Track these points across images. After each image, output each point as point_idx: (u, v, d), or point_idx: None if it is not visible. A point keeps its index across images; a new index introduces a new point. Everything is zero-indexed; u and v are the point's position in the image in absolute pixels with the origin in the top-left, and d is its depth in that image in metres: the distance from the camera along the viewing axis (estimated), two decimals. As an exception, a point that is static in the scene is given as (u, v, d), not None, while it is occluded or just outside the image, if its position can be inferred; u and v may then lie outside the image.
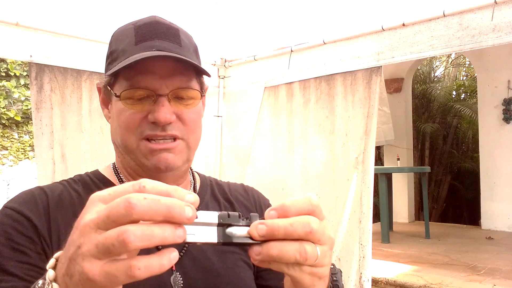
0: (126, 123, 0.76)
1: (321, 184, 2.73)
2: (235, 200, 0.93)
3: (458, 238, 5.24)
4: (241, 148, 3.21)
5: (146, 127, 0.76)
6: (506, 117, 5.66)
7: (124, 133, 0.77)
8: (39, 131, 2.27)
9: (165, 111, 0.75)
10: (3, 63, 5.26)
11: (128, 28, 0.79)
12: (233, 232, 0.44)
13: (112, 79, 0.77)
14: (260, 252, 0.44)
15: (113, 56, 0.78)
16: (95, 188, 0.79)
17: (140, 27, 0.77)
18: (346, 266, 2.51)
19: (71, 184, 0.81)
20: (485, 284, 3.27)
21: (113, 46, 0.79)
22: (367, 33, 2.52)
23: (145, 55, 0.71)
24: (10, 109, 5.36)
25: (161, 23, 0.79)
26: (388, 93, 6.55)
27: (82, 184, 0.81)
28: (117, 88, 0.77)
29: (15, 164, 5.34)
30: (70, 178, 0.84)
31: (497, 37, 2.06)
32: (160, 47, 0.75)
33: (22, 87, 5.39)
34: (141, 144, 0.76)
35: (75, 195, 0.78)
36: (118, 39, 0.79)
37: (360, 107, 2.56)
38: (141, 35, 0.76)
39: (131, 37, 0.77)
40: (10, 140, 5.39)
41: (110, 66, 0.78)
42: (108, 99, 0.81)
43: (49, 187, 0.79)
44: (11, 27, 2.14)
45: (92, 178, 0.83)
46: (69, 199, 0.77)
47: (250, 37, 3.19)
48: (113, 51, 0.78)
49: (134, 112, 0.76)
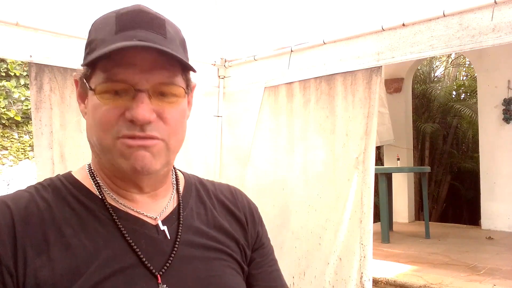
0: (102, 121, 0.68)
1: (322, 184, 2.73)
2: (221, 202, 0.87)
3: (458, 238, 5.24)
4: (241, 148, 3.21)
5: (123, 125, 0.67)
6: (506, 117, 5.66)
7: (99, 131, 0.69)
8: (38, 131, 2.27)
9: (145, 108, 0.66)
10: (3, 63, 5.26)
11: (110, 16, 0.71)
12: None
13: (89, 71, 0.69)
14: None
15: (91, 46, 0.70)
16: (67, 194, 0.72)
17: (122, 15, 0.69)
18: (347, 266, 2.51)
19: (40, 191, 0.71)
20: (485, 284, 3.27)
21: (92, 35, 0.71)
22: (367, 33, 2.51)
23: (124, 45, 0.64)
24: (10, 109, 5.36)
25: (146, 11, 0.71)
26: (388, 93, 6.55)
27: (52, 190, 0.72)
28: (93, 81, 0.69)
29: (15, 164, 5.34)
30: (39, 183, 0.74)
31: (497, 37, 2.06)
32: (142, 38, 0.67)
33: (22, 87, 5.39)
34: (118, 142, 0.68)
35: (44, 206, 0.68)
36: (98, 27, 0.71)
37: (360, 107, 2.56)
38: (123, 23, 0.68)
39: (112, 25, 0.69)
40: (10, 140, 5.39)
41: (88, 56, 0.70)
42: (85, 93, 0.73)
43: (14, 199, 0.68)
44: (11, 27, 2.14)
45: (64, 182, 0.74)
46: (37, 212, 0.67)
47: (250, 37, 3.19)
48: (91, 41, 0.71)
49: (109, 108, 0.67)
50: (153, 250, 0.71)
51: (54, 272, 0.63)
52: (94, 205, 0.71)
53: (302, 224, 2.80)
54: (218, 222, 0.82)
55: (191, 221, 0.78)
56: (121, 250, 0.68)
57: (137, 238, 0.70)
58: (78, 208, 0.70)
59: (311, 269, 2.71)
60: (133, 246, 0.69)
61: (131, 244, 0.69)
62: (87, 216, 0.70)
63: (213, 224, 0.81)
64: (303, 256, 2.77)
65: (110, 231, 0.69)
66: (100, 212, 0.71)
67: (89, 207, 0.71)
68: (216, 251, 0.78)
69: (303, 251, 2.77)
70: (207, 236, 0.78)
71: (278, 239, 2.89)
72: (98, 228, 0.69)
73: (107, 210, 0.71)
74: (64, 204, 0.70)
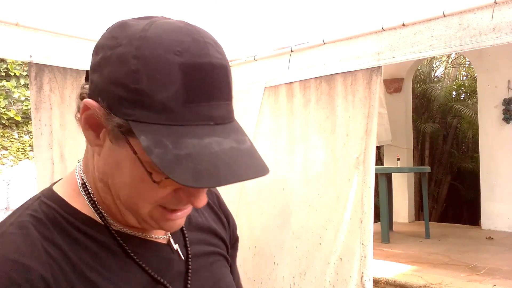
0: (147, 194, 0.57)
1: (322, 184, 2.73)
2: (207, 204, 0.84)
3: (458, 238, 5.24)
4: (241, 148, 3.20)
5: (171, 200, 0.59)
6: (506, 117, 5.66)
7: (137, 199, 0.58)
8: (38, 131, 2.27)
9: (205, 196, 0.59)
10: (3, 63, 5.25)
11: (170, 62, 0.52)
12: None
13: (132, 132, 0.53)
14: None
15: (140, 99, 0.52)
16: (70, 229, 0.60)
17: (191, 72, 0.52)
18: (347, 266, 2.51)
19: (40, 230, 0.58)
20: (485, 284, 3.27)
21: (143, 83, 0.51)
22: (367, 33, 2.51)
23: (224, 180, 0.51)
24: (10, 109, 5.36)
25: (218, 65, 0.55)
26: (388, 93, 6.55)
27: (51, 225, 0.59)
28: (141, 153, 0.53)
29: (15, 164, 5.34)
30: (30, 216, 0.59)
31: (497, 37, 2.06)
32: (218, 118, 0.54)
33: (22, 87, 5.39)
34: (156, 210, 0.59)
35: (56, 252, 0.57)
36: (155, 78, 0.52)
37: (360, 107, 2.56)
38: (194, 88, 0.52)
39: (177, 84, 0.52)
40: (10, 140, 5.39)
41: (132, 109, 0.52)
42: (105, 129, 0.57)
43: (28, 255, 0.55)
44: (11, 27, 2.14)
45: (58, 211, 0.61)
46: (54, 264, 0.56)
47: (250, 37, 3.19)
48: (142, 92, 0.52)
49: (163, 186, 0.57)
50: (173, 273, 0.67)
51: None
52: (102, 236, 0.62)
53: (302, 224, 2.80)
54: (209, 224, 0.80)
55: (190, 230, 0.75)
56: (146, 283, 0.63)
57: (156, 265, 0.65)
58: (88, 243, 0.60)
59: (312, 269, 2.71)
60: (156, 277, 0.64)
61: (154, 276, 0.64)
62: (100, 251, 0.61)
63: (207, 227, 0.79)
64: (303, 256, 2.77)
65: (127, 263, 0.62)
66: (110, 243, 0.62)
67: (98, 239, 0.61)
68: (214, 254, 0.77)
69: (303, 251, 2.77)
70: (205, 242, 0.76)
71: (278, 239, 2.89)
72: (114, 263, 0.61)
73: (116, 240, 0.63)
74: (73, 242, 0.59)
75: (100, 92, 0.55)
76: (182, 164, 0.50)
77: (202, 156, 0.51)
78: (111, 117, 0.54)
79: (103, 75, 0.55)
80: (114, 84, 0.53)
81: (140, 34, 0.53)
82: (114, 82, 0.53)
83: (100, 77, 0.55)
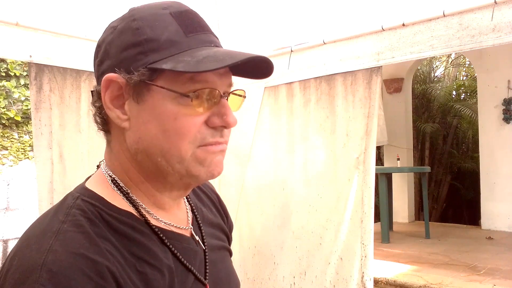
0: (184, 129, 0.62)
1: (322, 184, 2.73)
2: (208, 197, 0.88)
3: (458, 238, 5.24)
4: (241, 148, 3.20)
5: (206, 133, 0.64)
6: (506, 117, 5.66)
7: (177, 140, 0.63)
8: (38, 131, 2.27)
9: (232, 113, 0.66)
10: (3, 63, 5.25)
11: (162, 13, 0.64)
12: None
13: (155, 74, 0.62)
14: None
15: (150, 45, 0.62)
16: (122, 227, 0.63)
17: (179, 15, 0.65)
18: (348, 266, 2.51)
19: (95, 229, 0.60)
20: (485, 284, 3.27)
21: (147, 32, 0.62)
22: (367, 33, 2.51)
23: (252, 57, 0.61)
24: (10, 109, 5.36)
25: (196, 13, 0.68)
26: (388, 93, 6.55)
27: (101, 222, 0.62)
28: (167, 83, 0.62)
29: (15, 164, 5.34)
30: (78, 215, 0.61)
31: (497, 37, 2.06)
32: (216, 43, 0.66)
33: (22, 87, 5.39)
34: (198, 151, 0.64)
35: (111, 248, 0.60)
36: (154, 25, 0.63)
37: (360, 107, 2.56)
38: (188, 24, 0.64)
39: (174, 25, 0.63)
40: (10, 140, 5.39)
41: (147, 57, 0.62)
42: (130, 96, 0.64)
43: (91, 249, 0.57)
44: (11, 27, 2.14)
45: (105, 209, 0.64)
46: (113, 259, 0.59)
47: (249, 37, 3.19)
48: (149, 39, 0.62)
49: (195, 114, 0.63)
50: (198, 262, 0.72)
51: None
52: (145, 230, 0.66)
53: (302, 224, 2.80)
54: (217, 221, 0.85)
55: (204, 224, 0.79)
56: (181, 270, 0.68)
57: (188, 256, 0.70)
58: (134, 235, 0.64)
59: (312, 269, 2.71)
60: (188, 266, 0.69)
61: (187, 265, 0.69)
62: (145, 242, 0.65)
63: (216, 223, 0.84)
64: (304, 256, 2.77)
65: (166, 252, 0.67)
66: (153, 236, 0.66)
67: (143, 232, 0.65)
68: (223, 249, 0.82)
69: (304, 250, 2.77)
70: (216, 236, 0.81)
71: (278, 239, 2.89)
72: (159, 253, 0.66)
73: (156, 233, 0.67)
74: (121, 236, 0.62)
75: (114, 66, 0.63)
76: (203, 62, 0.59)
77: (217, 53, 0.61)
78: (132, 77, 0.62)
79: (111, 54, 0.64)
80: (125, 50, 0.63)
81: (129, 12, 0.67)
82: (124, 48, 0.63)
83: (110, 58, 0.64)
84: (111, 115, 0.65)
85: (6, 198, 5.09)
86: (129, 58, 0.62)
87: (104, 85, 0.64)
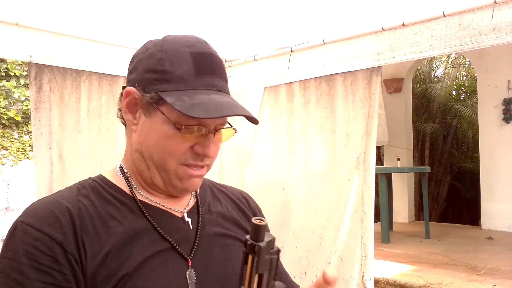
0: (172, 148, 0.78)
1: (323, 184, 2.73)
2: (233, 202, 0.99)
3: (458, 238, 5.24)
4: (241, 148, 3.20)
5: (189, 155, 0.80)
6: (506, 117, 5.66)
7: (165, 155, 0.79)
8: (38, 131, 2.27)
9: (214, 147, 0.81)
10: (3, 63, 5.25)
11: (183, 51, 0.78)
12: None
13: (161, 100, 0.77)
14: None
15: (165, 76, 0.77)
16: (104, 193, 0.81)
17: (197, 56, 0.78)
18: (348, 266, 2.51)
19: (80, 191, 0.81)
20: (485, 284, 3.27)
21: (166, 65, 0.77)
22: (367, 33, 2.51)
23: (223, 114, 0.74)
24: (10, 109, 5.36)
25: (215, 55, 0.81)
26: (388, 93, 6.55)
27: (90, 189, 0.81)
28: (168, 111, 0.77)
29: (15, 164, 5.34)
30: (78, 184, 0.83)
31: (497, 37, 2.06)
32: (219, 87, 0.79)
33: (22, 87, 5.38)
34: (180, 168, 0.80)
35: (88, 203, 0.78)
36: (174, 61, 0.77)
37: (360, 107, 2.56)
38: (200, 66, 0.78)
39: (189, 64, 0.77)
40: (10, 140, 5.39)
41: (160, 84, 0.77)
42: (141, 108, 0.81)
43: (67, 199, 0.78)
44: (11, 27, 2.14)
45: (99, 183, 0.83)
46: (84, 208, 0.77)
47: (250, 37, 3.19)
48: (165, 71, 0.77)
49: (182, 140, 0.78)
50: (182, 238, 0.82)
51: (106, 255, 0.74)
52: (129, 202, 0.82)
53: (302, 224, 2.80)
54: (232, 215, 0.94)
55: (209, 214, 0.90)
56: (156, 238, 0.79)
57: (168, 228, 0.81)
58: (116, 203, 0.81)
59: (312, 269, 2.71)
60: (164, 235, 0.80)
61: (162, 234, 0.80)
62: (125, 210, 0.80)
63: (228, 217, 0.93)
64: (304, 256, 2.76)
65: (145, 222, 0.80)
66: (135, 207, 0.81)
67: (125, 203, 0.81)
68: (231, 238, 0.89)
69: (304, 251, 2.77)
70: (222, 226, 0.90)
71: (278, 239, 2.87)
72: (135, 220, 0.80)
73: (139, 206, 0.82)
74: (104, 200, 0.80)
75: (136, 81, 0.80)
76: (196, 107, 0.73)
77: (209, 102, 0.75)
78: (145, 95, 0.78)
79: (138, 70, 0.81)
80: (146, 72, 0.79)
81: (161, 40, 0.82)
82: (146, 70, 0.79)
83: (136, 73, 0.81)
84: (126, 118, 0.84)
85: (6, 198, 5.08)
86: (148, 80, 0.79)
87: (125, 94, 0.82)
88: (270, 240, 0.58)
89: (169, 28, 2.51)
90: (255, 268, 0.57)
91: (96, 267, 0.72)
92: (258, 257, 0.56)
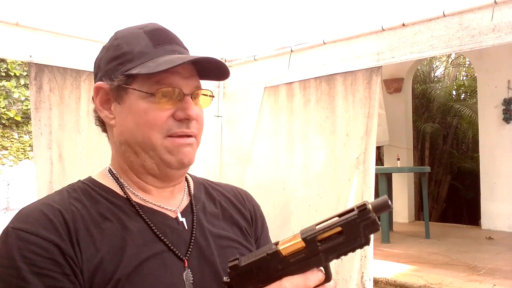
0: (153, 121, 0.77)
1: (322, 184, 2.72)
2: (228, 199, 0.97)
3: (458, 238, 5.24)
4: (241, 148, 3.20)
5: (172, 124, 0.78)
6: (506, 117, 5.66)
7: (148, 131, 0.78)
8: (38, 131, 2.27)
9: (194, 107, 0.80)
10: (3, 63, 5.25)
11: (136, 31, 0.82)
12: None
13: (130, 79, 0.78)
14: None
15: (126, 57, 0.79)
16: (95, 195, 0.80)
17: (151, 32, 0.81)
18: (348, 266, 2.51)
19: (71, 194, 0.79)
20: (485, 284, 3.27)
21: (124, 47, 0.80)
22: (367, 33, 2.51)
23: (189, 58, 0.76)
24: (10, 109, 5.36)
25: (167, 30, 0.84)
26: (388, 93, 6.55)
27: (81, 192, 0.80)
28: (138, 85, 0.78)
29: (15, 164, 5.34)
30: (68, 187, 0.82)
31: (497, 37, 2.06)
32: (179, 51, 0.81)
33: (22, 87, 5.39)
34: (166, 141, 0.78)
35: (79, 206, 0.77)
36: (130, 42, 0.80)
37: (360, 107, 2.56)
38: (157, 39, 0.80)
39: (146, 40, 0.80)
40: (10, 140, 5.39)
41: (124, 66, 0.79)
42: (114, 99, 0.81)
43: (58, 202, 0.76)
44: (11, 27, 2.14)
45: (90, 185, 0.82)
46: (76, 211, 0.76)
47: (250, 37, 3.19)
48: (126, 53, 0.79)
49: (160, 109, 0.77)
50: (177, 238, 0.81)
51: (102, 258, 0.73)
52: (121, 203, 0.80)
53: (302, 224, 2.77)
54: (227, 214, 0.92)
55: (204, 214, 0.89)
56: (150, 238, 0.78)
57: (163, 229, 0.80)
58: (108, 205, 0.79)
59: (311, 269, 2.70)
60: (159, 236, 0.79)
61: (158, 235, 0.79)
62: (118, 211, 0.79)
63: (223, 216, 0.91)
64: (303, 256, 2.76)
65: (139, 222, 0.79)
66: (127, 208, 0.80)
67: (117, 204, 0.80)
68: (227, 239, 0.88)
69: (303, 251, 2.76)
70: (218, 226, 0.89)
71: (278, 239, 2.89)
72: (128, 221, 0.78)
73: (133, 206, 0.80)
74: (95, 202, 0.79)
75: (102, 77, 0.81)
76: (161, 65, 0.74)
77: (172, 58, 0.76)
78: (113, 82, 0.79)
79: (101, 67, 0.83)
80: (109, 63, 0.81)
81: (114, 34, 0.84)
82: (108, 61, 0.81)
83: (100, 71, 0.83)
84: (102, 115, 0.83)
85: (6, 198, 5.09)
86: (112, 69, 0.80)
87: (95, 92, 0.83)
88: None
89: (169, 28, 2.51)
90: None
91: (92, 270, 0.71)
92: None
